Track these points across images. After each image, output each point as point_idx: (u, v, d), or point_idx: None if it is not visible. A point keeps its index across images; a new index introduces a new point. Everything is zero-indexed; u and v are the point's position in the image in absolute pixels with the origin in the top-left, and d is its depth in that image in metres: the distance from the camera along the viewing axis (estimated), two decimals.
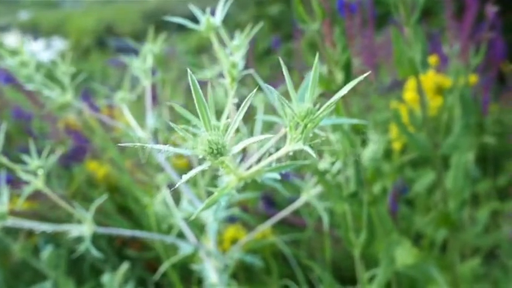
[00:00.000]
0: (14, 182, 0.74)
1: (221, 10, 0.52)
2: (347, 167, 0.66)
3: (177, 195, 0.76)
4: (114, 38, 7.06)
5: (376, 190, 0.77)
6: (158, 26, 0.76)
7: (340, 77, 0.67)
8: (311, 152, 0.31)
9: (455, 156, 0.82)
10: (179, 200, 0.74)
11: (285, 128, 0.34)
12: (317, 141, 0.34)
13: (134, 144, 0.31)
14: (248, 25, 0.53)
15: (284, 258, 1.04)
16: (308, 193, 0.71)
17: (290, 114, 0.32)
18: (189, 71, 0.31)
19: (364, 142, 0.68)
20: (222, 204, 0.38)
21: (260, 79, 0.49)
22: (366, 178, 0.73)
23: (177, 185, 0.31)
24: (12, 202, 0.57)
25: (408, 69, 0.71)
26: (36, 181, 0.57)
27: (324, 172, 0.66)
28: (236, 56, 0.49)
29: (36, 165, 0.57)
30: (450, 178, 0.81)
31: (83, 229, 0.59)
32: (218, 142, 0.30)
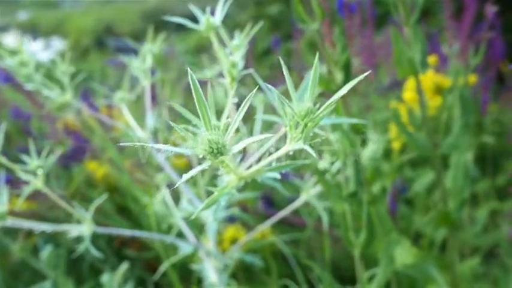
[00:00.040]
0: (13, 182, 0.74)
1: (221, 10, 0.52)
2: (346, 167, 0.66)
3: (177, 195, 0.76)
4: (113, 38, 7.05)
5: (375, 190, 0.77)
6: (157, 26, 0.76)
7: (339, 77, 0.68)
8: (311, 152, 0.31)
9: (454, 155, 0.82)
10: (179, 200, 0.74)
11: (285, 128, 0.34)
12: (317, 140, 0.34)
13: (134, 144, 0.31)
14: (247, 25, 0.53)
15: (284, 258, 1.04)
16: (308, 193, 0.71)
17: (290, 113, 0.32)
18: (189, 71, 0.31)
19: (363, 142, 0.68)
20: (222, 203, 0.38)
21: (260, 79, 0.49)
22: (366, 178, 0.73)
23: (177, 185, 0.31)
24: (11, 202, 0.57)
25: (408, 69, 0.71)
26: (35, 181, 0.57)
27: (324, 172, 0.66)
28: (236, 56, 0.49)
29: (35, 165, 0.57)
30: (450, 178, 0.81)
31: (83, 229, 0.59)
32: (218, 141, 0.30)
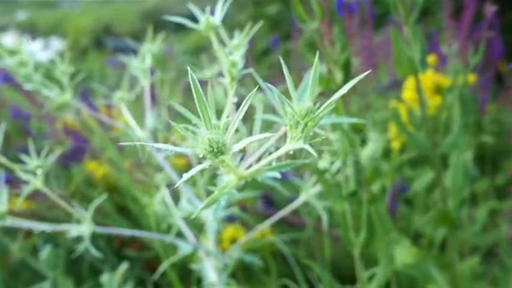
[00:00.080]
0: (13, 182, 0.73)
1: (220, 9, 0.52)
2: (346, 166, 0.66)
3: (176, 194, 0.76)
4: (112, 38, 7.05)
5: (375, 189, 0.77)
6: (156, 26, 0.75)
7: (339, 76, 0.68)
8: (311, 151, 0.31)
9: (454, 155, 0.82)
10: (178, 200, 0.74)
11: (285, 127, 0.34)
12: (317, 140, 0.34)
13: (134, 143, 0.31)
14: (246, 25, 0.53)
15: (283, 257, 1.04)
16: (307, 192, 0.71)
17: (290, 113, 0.32)
18: (190, 70, 0.31)
19: (363, 141, 0.68)
20: (222, 203, 0.38)
21: (259, 79, 0.49)
22: (365, 177, 0.73)
23: (177, 185, 0.31)
24: (10, 202, 0.57)
25: (407, 68, 0.71)
26: (35, 181, 0.57)
27: (324, 171, 0.66)
28: (236, 55, 0.49)
29: (35, 164, 0.57)
30: (449, 177, 0.81)
31: (82, 229, 0.59)
32: (219, 141, 0.30)
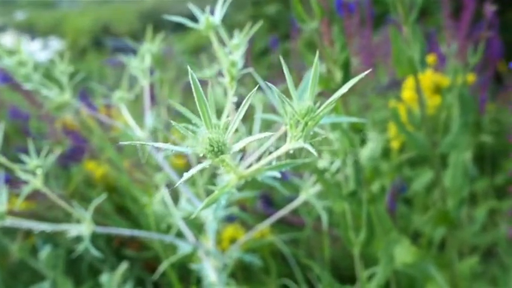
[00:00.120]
0: (12, 182, 0.73)
1: (220, 9, 0.52)
2: (346, 166, 0.66)
3: (176, 194, 0.76)
4: (110, 38, 7.04)
5: (374, 189, 0.78)
6: (155, 26, 0.75)
7: (338, 76, 0.68)
8: (312, 150, 0.31)
9: (453, 154, 0.82)
10: (178, 200, 0.74)
11: (285, 126, 0.34)
12: (317, 139, 0.34)
13: (134, 142, 0.31)
14: (245, 25, 0.53)
15: (283, 257, 1.04)
16: (307, 192, 0.71)
17: (290, 112, 0.32)
18: (190, 70, 0.31)
19: (363, 141, 0.68)
20: (222, 202, 0.38)
21: (259, 78, 0.49)
22: (365, 177, 0.73)
23: (177, 184, 0.31)
24: (10, 202, 0.57)
25: (407, 68, 0.71)
26: (34, 181, 0.57)
27: (323, 171, 0.66)
28: (235, 55, 0.49)
29: (34, 164, 0.57)
30: (449, 176, 0.82)
31: (82, 229, 0.58)
32: (219, 140, 0.30)
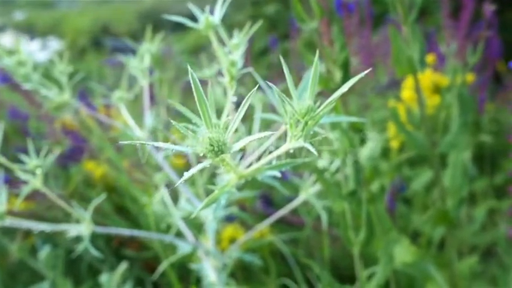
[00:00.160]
0: (12, 182, 0.73)
1: (220, 9, 0.52)
2: (346, 166, 0.66)
3: (175, 194, 0.76)
4: (110, 38, 7.03)
5: (374, 189, 0.78)
6: (154, 26, 0.75)
7: (338, 76, 0.68)
8: (312, 150, 0.31)
9: (453, 154, 0.82)
10: (177, 200, 0.74)
11: (285, 126, 0.34)
12: (317, 138, 0.34)
13: (133, 142, 0.31)
14: (245, 25, 0.53)
15: (282, 257, 1.04)
16: (307, 192, 0.71)
17: (291, 111, 0.32)
18: (190, 69, 0.31)
19: (362, 140, 0.68)
20: (222, 202, 0.38)
21: (259, 78, 0.49)
22: (364, 177, 0.73)
23: (177, 184, 0.31)
24: (9, 202, 0.57)
25: (406, 67, 0.71)
26: (34, 181, 0.57)
27: (323, 170, 0.66)
28: (235, 55, 0.49)
29: (34, 164, 0.56)
30: (448, 176, 0.82)
31: (81, 229, 0.58)
32: (219, 139, 0.30)
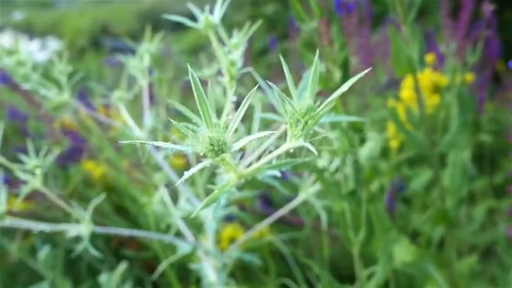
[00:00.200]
0: (11, 182, 0.73)
1: (219, 8, 0.52)
2: (345, 165, 0.66)
3: (175, 194, 0.76)
4: (109, 38, 7.03)
5: (373, 188, 0.78)
6: (153, 26, 0.75)
7: (338, 75, 0.68)
8: (312, 149, 0.31)
9: (452, 154, 0.83)
10: (177, 199, 0.74)
11: (285, 125, 0.34)
12: (317, 138, 0.34)
13: (133, 142, 0.31)
14: (244, 25, 0.53)
15: (282, 257, 1.04)
16: (306, 191, 0.71)
17: (290, 111, 0.32)
18: (190, 69, 0.31)
19: (362, 140, 0.68)
20: (222, 202, 0.38)
21: (259, 78, 0.49)
22: (364, 176, 0.73)
23: (177, 184, 0.31)
24: (8, 202, 0.57)
25: (406, 67, 0.71)
26: (33, 181, 0.57)
27: (323, 170, 0.66)
28: (235, 54, 0.49)
29: (34, 164, 0.56)
30: (447, 176, 0.82)
31: (81, 229, 0.58)
32: (219, 139, 0.30)
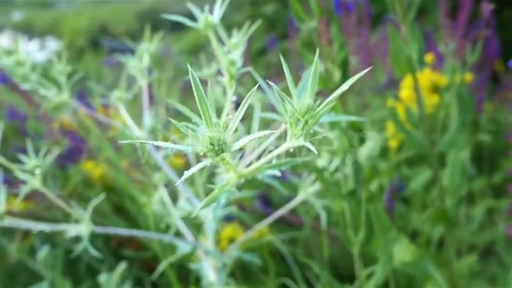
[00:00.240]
0: (10, 182, 0.73)
1: (219, 8, 0.52)
2: (345, 165, 0.66)
3: (174, 194, 0.76)
4: (108, 38, 7.02)
5: (373, 188, 0.78)
6: (152, 26, 0.75)
7: (337, 75, 0.68)
8: (312, 149, 0.31)
9: (451, 153, 0.83)
10: (176, 199, 0.74)
11: (285, 125, 0.34)
12: (317, 138, 0.34)
13: (133, 141, 0.31)
14: (243, 25, 0.53)
15: (282, 256, 1.04)
16: (306, 191, 0.71)
17: (291, 110, 0.32)
18: (190, 68, 0.31)
19: (362, 140, 0.69)
20: (222, 201, 0.38)
21: (258, 77, 0.49)
22: (364, 176, 0.73)
23: (177, 184, 0.31)
24: (8, 202, 0.56)
25: (405, 67, 0.71)
26: (33, 181, 0.57)
27: (322, 170, 0.66)
28: (234, 54, 0.49)
29: (33, 164, 0.56)
30: (447, 175, 0.82)
31: (81, 229, 0.58)
32: (219, 139, 0.30)
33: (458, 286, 0.82)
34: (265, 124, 0.79)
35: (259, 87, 0.44)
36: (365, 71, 0.32)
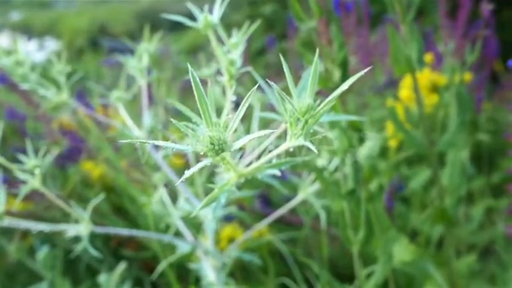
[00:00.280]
0: (10, 182, 0.73)
1: (219, 8, 0.52)
2: (344, 165, 0.67)
3: (174, 194, 0.76)
4: (107, 38, 7.02)
5: (372, 188, 0.78)
6: (152, 26, 0.75)
7: (337, 75, 0.68)
8: (312, 148, 0.31)
9: (451, 153, 0.83)
10: (176, 199, 0.74)
11: (285, 124, 0.34)
12: (317, 137, 0.34)
13: (133, 141, 0.31)
14: (242, 25, 0.53)
15: (281, 256, 1.04)
16: (305, 191, 0.71)
17: (291, 110, 0.32)
18: (190, 68, 0.31)
19: (361, 139, 0.69)
20: (222, 201, 0.38)
21: (258, 77, 0.49)
22: (363, 175, 0.73)
23: (177, 184, 0.31)
24: (7, 202, 0.56)
25: (404, 67, 0.71)
26: (33, 181, 0.57)
27: (322, 169, 0.67)
28: (234, 54, 0.49)
29: (33, 164, 0.56)
30: (446, 175, 0.82)
31: (80, 229, 0.58)
32: (220, 138, 0.30)
33: (457, 285, 0.82)
34: (265, 124, 0.78)
35: (259, 87, 0.44)
36: (364, 71, 0.32)
